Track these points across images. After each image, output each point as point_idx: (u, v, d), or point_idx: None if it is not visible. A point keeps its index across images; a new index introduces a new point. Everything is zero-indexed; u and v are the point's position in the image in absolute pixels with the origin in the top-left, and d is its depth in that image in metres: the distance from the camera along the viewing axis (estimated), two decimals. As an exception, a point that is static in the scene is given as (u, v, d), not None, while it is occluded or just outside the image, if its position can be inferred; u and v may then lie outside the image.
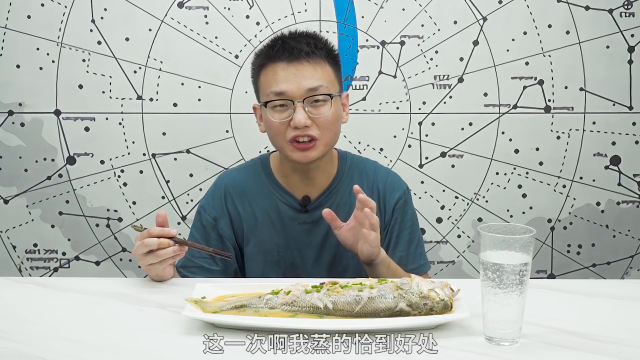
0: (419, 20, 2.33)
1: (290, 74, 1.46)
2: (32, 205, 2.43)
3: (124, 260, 2.45)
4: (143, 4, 2.33)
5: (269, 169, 1.61)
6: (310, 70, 1.47)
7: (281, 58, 1.47)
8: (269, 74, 1.49)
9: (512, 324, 1.05)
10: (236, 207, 1.58)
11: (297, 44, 1.48)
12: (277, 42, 1.50)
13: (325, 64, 1.50)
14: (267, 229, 1.57)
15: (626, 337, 1.10)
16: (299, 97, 1.46)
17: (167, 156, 2.40)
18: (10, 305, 1.25)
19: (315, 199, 1.57)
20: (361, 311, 1.13)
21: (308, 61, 1.47)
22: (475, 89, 2.36)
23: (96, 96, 2.37)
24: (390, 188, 1.60)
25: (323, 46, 1.51)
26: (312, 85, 1.46)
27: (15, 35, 2.35)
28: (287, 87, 1.46)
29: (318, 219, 1.55)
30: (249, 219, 1.58)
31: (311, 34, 1.54)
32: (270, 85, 1.48)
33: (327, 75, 1.49)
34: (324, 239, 1.56)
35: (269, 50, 1.50)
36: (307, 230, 1.57)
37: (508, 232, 1.06)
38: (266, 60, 1.50)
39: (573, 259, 2.45)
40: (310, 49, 1.48)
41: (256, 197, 1.59)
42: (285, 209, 1.57)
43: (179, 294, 1.29)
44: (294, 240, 1.56)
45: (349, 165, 1.62)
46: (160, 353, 1.04)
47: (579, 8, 2.32)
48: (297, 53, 1.47)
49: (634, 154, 2.40)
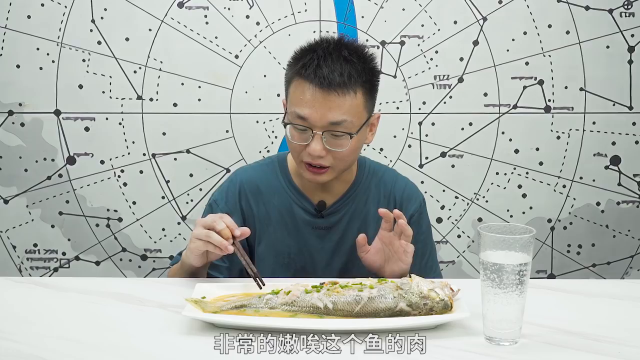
0: (419, 20, 2.33)
1: (316, 101, 1.38)
2: (32, 205, 2.43)
3: (124, 260, 2.45)
4: (143, 4, 2.33)
5: (286, 169, 1.58)
6: (338, 102, 1.38)
7: (312, 81, 1.39)
8: (297, 91, 1.41)
9: (512, 324, 1.05)
10: (250, 205, 1.56)
11: (331, 72, 1.37)
12: (312, 60, 1.40)
13: (358, 93, 1.40)
14: (280, 230, 1.55)
15: (626, 337, 1.10)
16: (320, 127, 1.39)
17: (167, 156, 2.40)
18: (10, 305, 1.25)
19: (331, 204, 1.55)
20: (361, 311, 1.13)
21: (337, 93, 1.38)
22: (475, 89, 2.36)
23: (96, 96, 2.37)
24: (407, 199, 1.58)
25: (361, 73, 1.41)
26: (335, 119, 1.38)
27: (15, 35, 2.35)
28: (310, 115, 1.39)
29: (332, 225, 1.54)
30: (263, 218, 1.56)
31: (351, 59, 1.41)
32: (296, 104, 1.41)
33: (355, 107, 1.40)
34: (336, 245, 1.54)
35: (302, 69, 1.40)
36: (321, 236, 1.54)
37: (508, 232, 1.06)
38: (297, 76, 1.42)
39: (573, 259, 2.45)
40: (343, 80, 1.38)
41: (271, 197, 1.56)
42: (300, 212, 1.55)
43: (179, 294, 1.28)
44: (307, 244, 1.54)
45: (367, 172, 1.59)
46: (160, 353, 1.04)
47: (579, 8, 2.32)
48: (328, 84, 1.37)
49: (634, 154, 2.40)
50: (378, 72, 1.48)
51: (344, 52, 1.41)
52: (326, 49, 1.42)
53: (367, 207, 1.53)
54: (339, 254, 1.55)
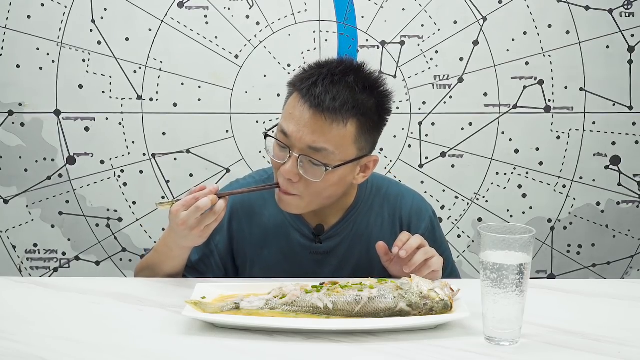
0: (419, 20, 2.33)
1: (301, 119, 1.29)
2: (32, 205, 2.43)
3: (124, 260, 2.45)
4: (143, 4, 2.33)
5: None
6: (323, 127, 1.28)
7: (304, 97, 1.30)
8: (290, 104, 1.33)
9: (512, 324, 1.05)
10: (242, 227, 1.47)
11: (324, 93, 1.27)
12: (312, 77, 1.31)
13: (349, 124, 1.29)
14: (275, 255, 1.47)
15: (626, 337, 1.10)
16: (298, 149, 1.29)
17: (167, 156, 2.40)
18: (10, 305, 1.25)
19: (330, 228, 1.45)
20: (361, 311, 1.13)
21: (325, 117, 1.27)
22: (475, 89, 2.36)
23: (96, 96, 2.37)
24: (416, 217, 1.48)
25: (360, 105, 1.30)
26: (315, 144, 1.28)
27: (15, 35, 2.35)
28: (292, 132, 1.29)
29: (330, 250, 1.45)
30: (256, 241, 1.47)
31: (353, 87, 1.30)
32: (284, 116, 1.33)
33: (340, 139, 1.29)
34: (335, 271, 1.45)
35: (299, 82, 1.32)
36: (318, 261, 1.46)
37: (508, 232, 1.06)
38: (294, 89, 1.34)
39: (573, 259, 2.45)
40: (334, 105, 1.27)
41: (266, 218, 1.47)
42: (296, 235, 1.46)
43: (179, 294, 1.28)
44: (303, 270, 1.45)
45: (369, 189, 1.48)
46: (160, 353, 1.04)
47: (579, 8, 2.32)
48: (317, 104, 1.28)
49: (634, 154, 2.40)
50: (387, 111, 1.37)
51: (350, 77, 1.31)
52: (335, 68, 1.32)
53: (369, 230, 1.45)
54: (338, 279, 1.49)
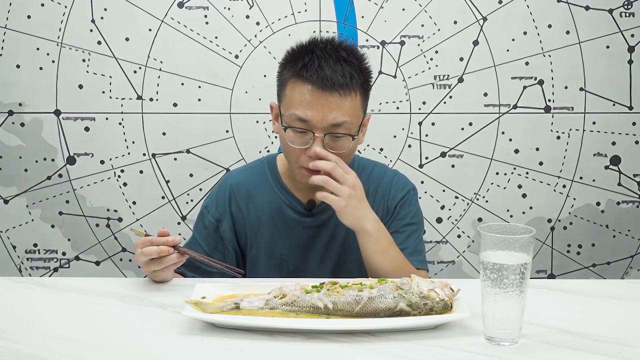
0: (419, 20, 2.33)
1: (317, 102, 1.38)
2: (32, 205, 2.43)
3: (124, 260, 2.45)
4: (143, 4, 2.33)
5: (276, 170, 1.59)
6: (339, 103, 1.38)
7: (314, 83, 1.38)
8: (296, 92, 1.40)
9: (512, 324, 1.05)
10: (240, 209, 1.57)
11: (333, 73, 1.38)
12: (313, 62, 1.39)
13: (357, 94, 1.42)
14: (271, 232, 1.56)
15: (626, 337, 1.10)
16: (321, 129, 1.39)
17: (167, 156, 2.40)
18: (10, 305, 1.25)
19: (321, 202, 1.53)
20: (361, 311, 1.13)
21: (339, 93, 1.38)
22: (475, 89, 2.36)
23: (96, 96, 2.37)
24: (395, 189, 1.58)
25: (359, 73, 1.42)
26: (337, 120, 1.38)
27: (15, 35, 2.35)
28: (312, 116, 1.38)
29: (323, 223, 1.55)
30: (253, 221, 1.56)
31: (349, 60, 1.42)
32: (295, 106, 1.40)
33: (354, 108, 1.41)
34: (328, 243, 1.55)
35: (302, 70, 1.40)
36: (312, 234, 1.55)
37: (508, 232, 1.06)
38: (296, 77, 1.41)
39: (573, 259, 2.45)
40: (345, 81, 1.38)
41: (261, 199, 1.57)
42: (289, 212, 1.55)
43: (179, 294, 1.29)
44: (298, 244, 1.55)
45: (356, 168, 1.55)
46: (160, 353, 1.04)
47: (579, 8, 2.32)
48: (331, 85, 1.37)
49: (634, 154, 2.40)
50: (371, 72, 1.48)
51: (342, 53, 1.42)
52: (324, 49, 1.42)
53: None
54: (331, 251, 1.55)
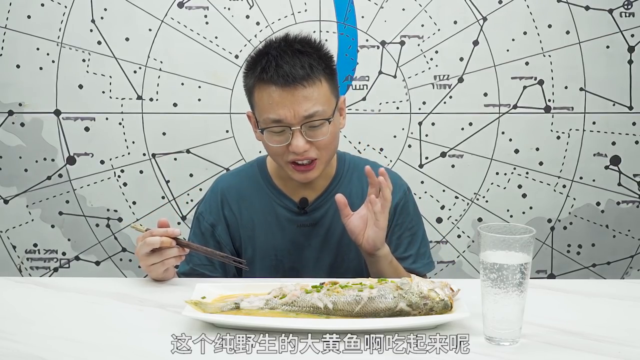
0: (419, 20, 2.33)
1: (285, 100, 1.39)
2: (32, 205, 2.43)
3: (124, 260, 2.45)
4: (143, 4, 2.33)
5: (266, 171, 1.58)
6: (306, 94, 1.39)
7: (276, 82, 1.39)
8: (263, 96, 1.41)
9: (512, 324, 1.05)
10: (233, 212, 1.56)
11: (292, 68, 1.38)
12: (270, 63, 1.40)
13: (322, 81, 1.42)
14: (265, 233, 1.54)
15: (626, 337, 1.10)
16: (296, 123, 1.39)
17: (167, 156, 2.40)
18: (10, 305, 1.25)
19: (314, 200, 1.54)
20: (361, 311, 1.13)
21: (303, 85, 1.39)
22: (475, 89, 2.36)
23: (96, 96, 2.37)
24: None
25: (319, 61, 1.43)
26: (309, 112, 1.39)
27: (15, 35, 2.35)
28: (284, 114, 1.39)
29: (317, 221, 1.54)
30: (247, 223, 1.56)
31: (305, 50, 1.43)
32: (265, 110, 1.41)
33: (323, 95, 1.42)
34: (323, 241, 1.54)
35: (262, 73, 1.41)
36: (306, 233, 1.54)
37: (508, 232, 1.06)
38: (259, 82, 1.42)
39: (573, 259, 2.45)
40: (306, 72, 1.39)
41: (253, 201, 1.56)
42: (282, 211, 1.54)
43: (179, 294, 1.29)
44: (293, 243, 1.54)
45: (347, 166, 1.59)
46: (160, 353, 1.04)
47: (579, 8, 2.32)
48: (293, 79, 1.38)
49: (634, 154, 2.40)
50: (332, 57, 1.48)
51: (296, 45, 1.43)
52: (278, 47, 1.43)
53: (351, 200, 1.49)
54: (326, 249, 1.54)
